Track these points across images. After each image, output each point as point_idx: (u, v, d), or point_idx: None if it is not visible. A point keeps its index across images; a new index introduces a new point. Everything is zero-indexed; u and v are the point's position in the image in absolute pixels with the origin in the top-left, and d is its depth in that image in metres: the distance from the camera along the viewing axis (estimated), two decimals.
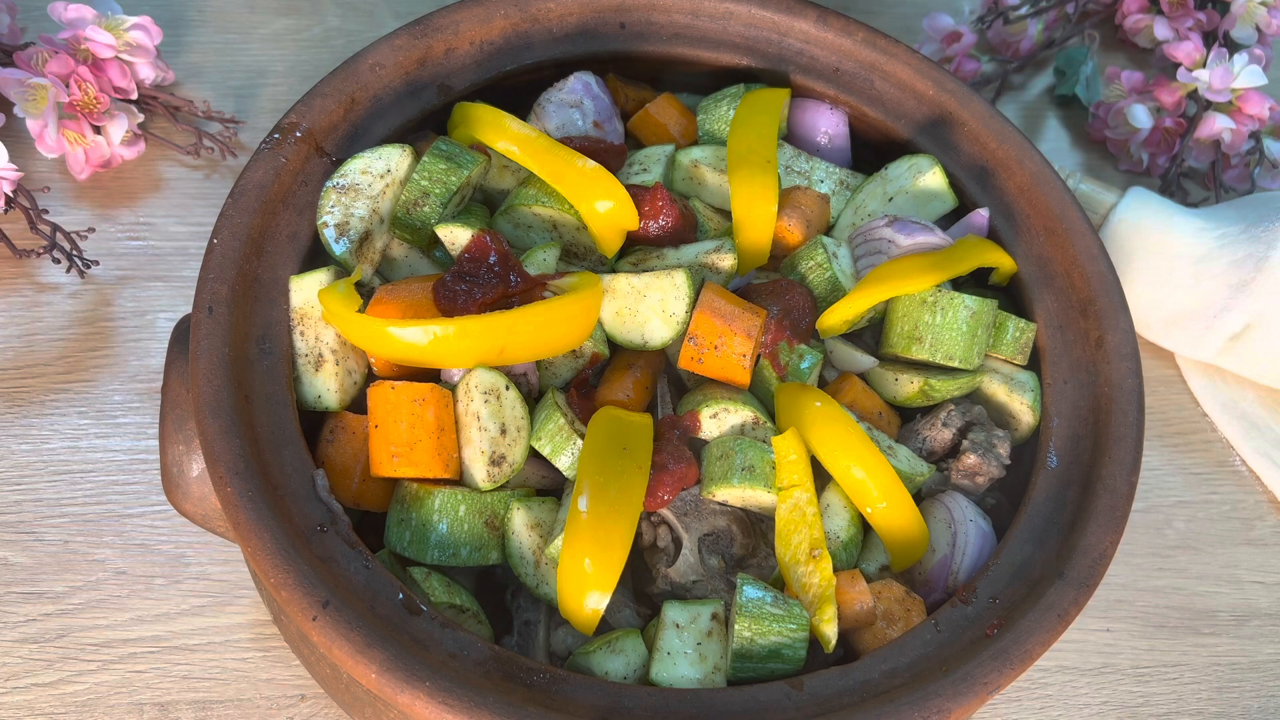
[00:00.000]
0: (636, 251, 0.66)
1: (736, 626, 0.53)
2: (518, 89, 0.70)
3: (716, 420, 0.60)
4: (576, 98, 0.69)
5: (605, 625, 0.56)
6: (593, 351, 0.61)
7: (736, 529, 0.59)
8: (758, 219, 0.64)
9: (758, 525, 0.60)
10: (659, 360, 0.64)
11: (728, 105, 0.70)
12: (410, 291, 0.59)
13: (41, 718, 0.65)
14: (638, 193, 0.64)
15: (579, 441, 0.57)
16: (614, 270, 0.65)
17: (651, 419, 0.59)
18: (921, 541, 0.58)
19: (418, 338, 0.55)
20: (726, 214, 0.68)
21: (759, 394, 0.63)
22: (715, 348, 0.60)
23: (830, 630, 0.54)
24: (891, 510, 0.57)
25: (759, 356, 0.62)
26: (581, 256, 0.66)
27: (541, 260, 0.62)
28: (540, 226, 0.65)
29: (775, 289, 0.63)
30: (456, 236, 0.60)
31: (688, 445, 0.59)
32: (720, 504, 0.59)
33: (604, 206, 0.62)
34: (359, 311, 0.56)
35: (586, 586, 0.53)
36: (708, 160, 0.68)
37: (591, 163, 0.63)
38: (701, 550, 0.58)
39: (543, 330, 0.57)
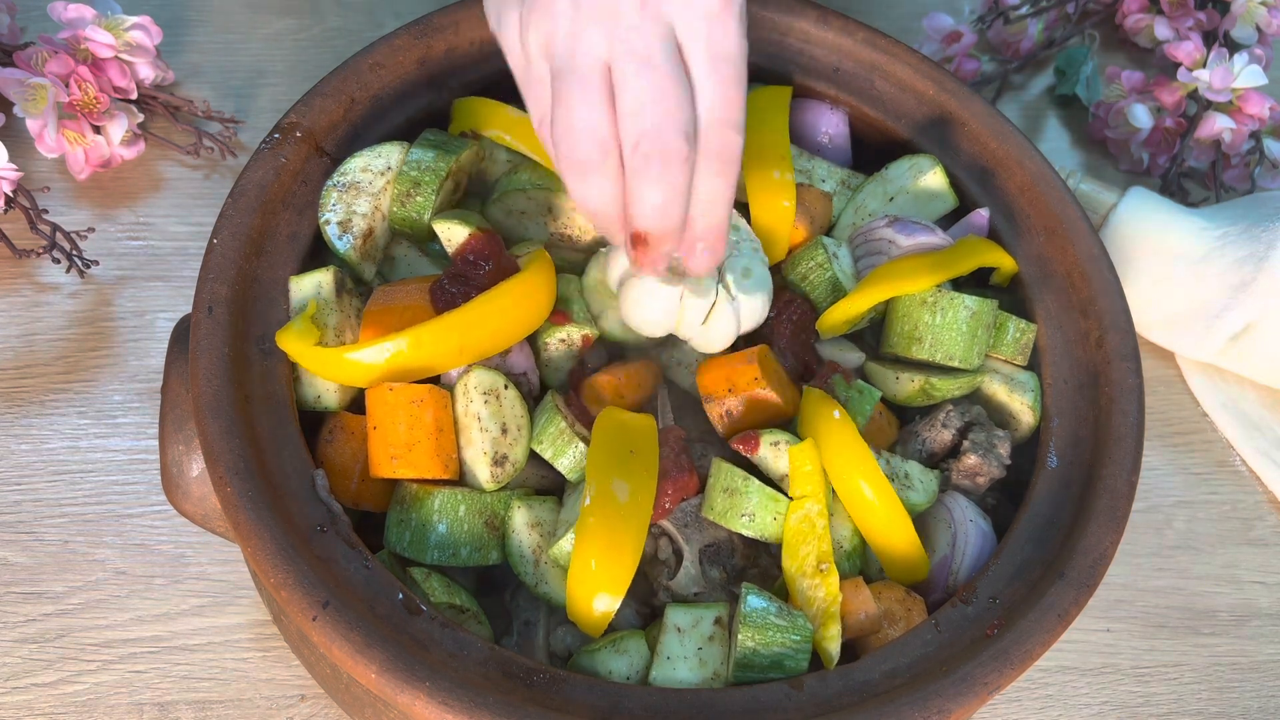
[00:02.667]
0: None
1: (740, 636, 0.53)
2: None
3: (776, 449, 0.58)
4: None
5: (608, 625, 0.56)
6: (582, 334, 0.61)
7: (738, 540, 0.59)
8: (775, 218, 0.64)
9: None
10: (657, 362, 0.64)
11: None
12: (407, 294, 0.59)
13: (41, 718, 0.65)
14: None
15: (580, 445, 0.57)
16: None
17: (655, 422, 0.59)
18: (920, 566, 0.58)
19: (375, 357, 0.55)
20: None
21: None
22: (730, 391, 0.59)
23: (834, 648, 0.54)
24: (892, 535, 0.57)
25: (799, 382, 0.62)
26: (572, 245, 0.65)
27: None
28: (534, 211, 0.64)
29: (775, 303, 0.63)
30: (453, 234, 0.60)
31: (686, 454, 0.59)
32: None
33: None
34: (319, 344, 0.56)
35: (597, 588, 0.53)
36: None
37: None
38: (703, 562, 0.58)
39: (495, 319, 0.57)
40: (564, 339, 0.61)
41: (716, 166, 0.52)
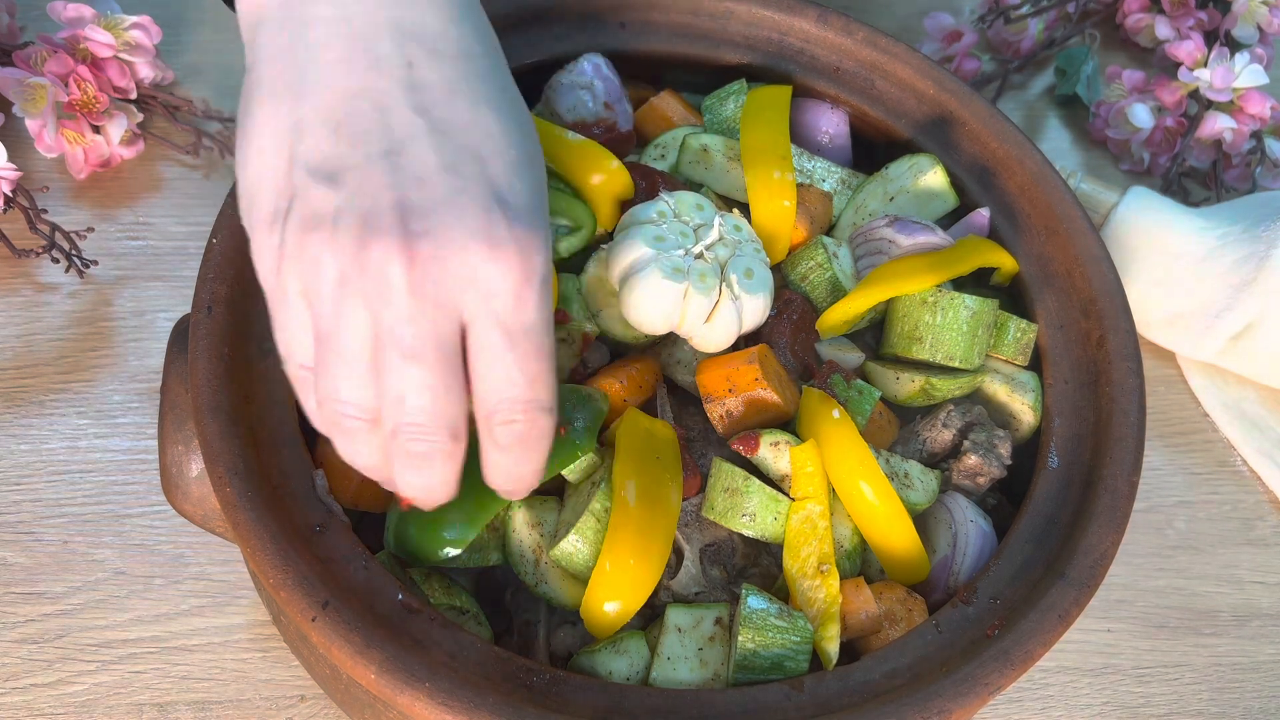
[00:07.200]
0: None
1: (740, 637, 0.53)
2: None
3: (776, 449, 0.58)
4: (587, 79, 0.69)
5: None
6: (582, 332, 0.61)
7: (738, 540, 0.59)
8: (776, 218, 0.64)
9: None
10: (658, 362, 0.64)
11: (734, 102, 0.70)
12: None
13: (41, 718, 0.65)
14: (647, 173, 0.65)
15: None
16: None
17: (674, 429, 0.59)
18: (921, 566, 0.58)
19: None
20: (732, 202, 0.68)
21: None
22: (730, 391, 0.59)
23: (832, 649, 0.54)
24: (892, 535, 0.57)
25: (799, 382, 0.62)
26: None
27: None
28: None
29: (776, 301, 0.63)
30: None
31: (687, 453, 0.59)
32: None
33: (597, 179, 0.62)
34: None
35: (617, 594, 0.53)
36: (717, 147, 0.68)
37: (578, 136, 0.63)
38: (703, 561, 0.58)
39: None
40: (564, 338, 0.61)
41: (519, 453, 0.47)
